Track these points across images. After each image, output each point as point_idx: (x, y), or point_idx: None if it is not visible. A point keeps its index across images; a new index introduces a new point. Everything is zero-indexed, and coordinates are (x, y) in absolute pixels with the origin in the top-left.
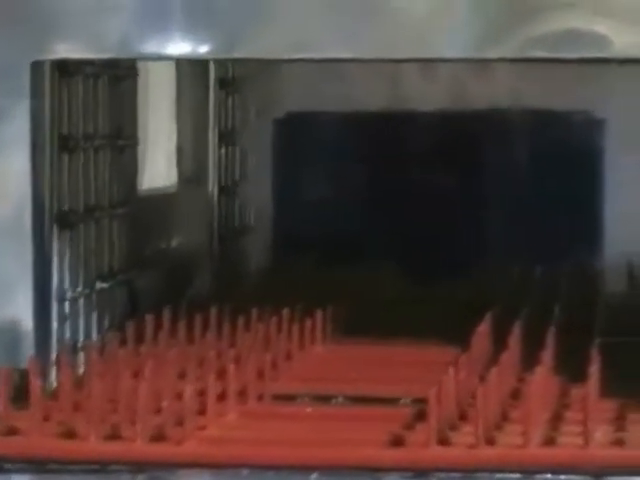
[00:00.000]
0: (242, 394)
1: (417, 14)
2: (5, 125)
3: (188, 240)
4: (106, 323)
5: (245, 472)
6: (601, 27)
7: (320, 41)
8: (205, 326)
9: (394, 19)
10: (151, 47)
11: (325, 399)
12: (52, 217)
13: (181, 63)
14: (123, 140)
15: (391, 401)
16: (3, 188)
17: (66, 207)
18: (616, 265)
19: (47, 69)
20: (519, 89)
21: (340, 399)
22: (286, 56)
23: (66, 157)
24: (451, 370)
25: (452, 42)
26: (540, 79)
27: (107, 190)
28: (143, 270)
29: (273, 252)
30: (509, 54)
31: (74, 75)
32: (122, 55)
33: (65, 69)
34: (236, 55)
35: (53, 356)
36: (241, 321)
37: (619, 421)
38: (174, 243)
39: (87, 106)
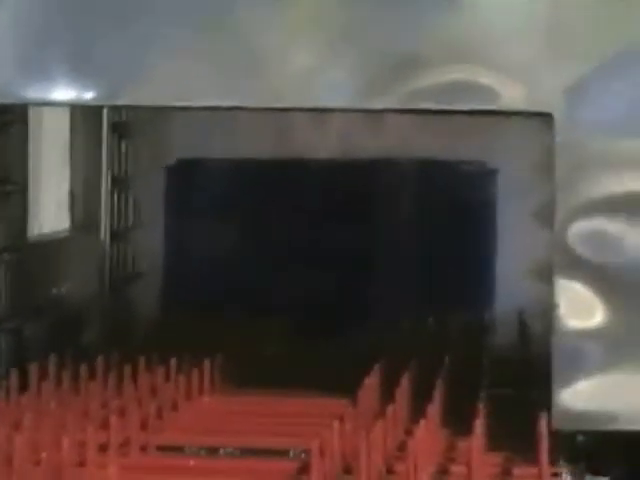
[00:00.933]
0: (124, 445)
1: (303, 64)
2: None
3: (79, 287)
4: None
5: None
6: (487, 80)
7: (203, 90)
8: (92, 376)
9: (279, 69)
10: (35, 93)
11: (211, 451)
12: None
13: (75, 109)
14: (9, 186)
15: (278, 453)
16: None
17: None
18: (507, 318)
19: None
20: (411, 139)
21: (226, 451)
22: (169, 104)
23: None
24: (335, 423)
25: (337, 92)
26: (432, 129)
27: None
28: (31, 318)
29: (164, 300)
30: (395, 105)
31: None
32: (5, 100)
33: None
34: (120, 102)
35: None
36: (128, 371)
37: (504, 476)
38: (64, 290)
39: None
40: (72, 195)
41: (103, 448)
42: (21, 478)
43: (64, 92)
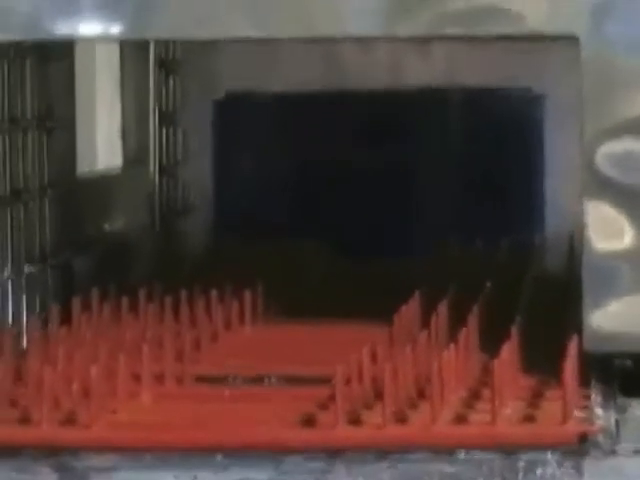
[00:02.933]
0: (159, 376)
1: None
2: None
3: (128, 222)
4: (36, 306)
5: (148, 457)
6: (516, 3)
7: (231, 22)
8: (133, 309)
9: None
10: (61, 28)
11: (250, 380)
12: None
13: (124, 45)
14: (54, 122)
15: (319, 381)
16: None
17: None
18: (556, 242)
19: None
20: (455, 66)
21: (268, 380)
22: (196, 36)
23: None
24: (365, 349)
25: (364, 19)
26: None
27: (37, 172)
28: (79, 253)
29: (213, 233)
30: (420, 31)
31: None
32: (31, 36)
33: None
34: (147, 36)
35: None
36: (169, 302)
37: (534, 398)
38: (113, 225)
39: (13, 88)
40: (123, 131)
41: (137, 379)
42: (51, 407)
43: (91, 26)
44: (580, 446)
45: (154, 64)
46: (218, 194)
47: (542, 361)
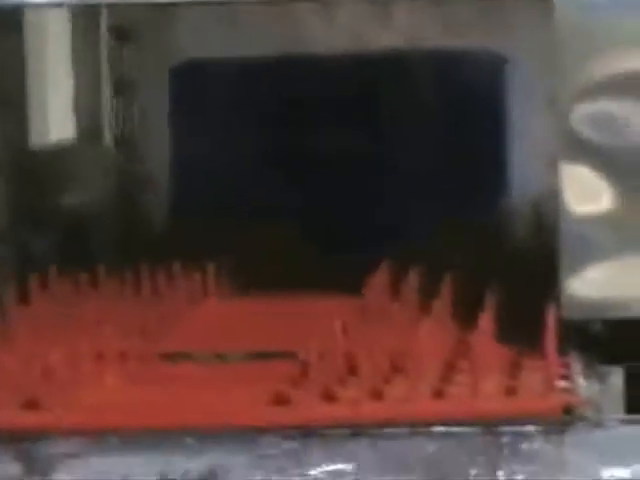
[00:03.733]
0: (123, 355)
1: None
2: None
3: (84, 197)
4: None
5: (114, 440)
6: None
7: None
8: (92, 286)
9: None
10: None
11: (217, 357)
12: None
13: (74, 14)
14: (2, 95)
15: (286, 356)
16: None
17: None
18: (522, 209)
19: None
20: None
21: (234, 356)
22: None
23: None
24: (337, 323)
25: None
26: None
27: None
28: (33, 230)
29: (171, 207)
30: None
31: None
32: None
33: None
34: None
35: None
36: (130, 278)
37: (513, 369)
38: (68, 200)
39: None
40: (76, 103)
41: (100, 358)
42: (13, 392)
43: None
44: (565, 418)
45: (107, 32)
46: (178, 167)
47: (518, 331)
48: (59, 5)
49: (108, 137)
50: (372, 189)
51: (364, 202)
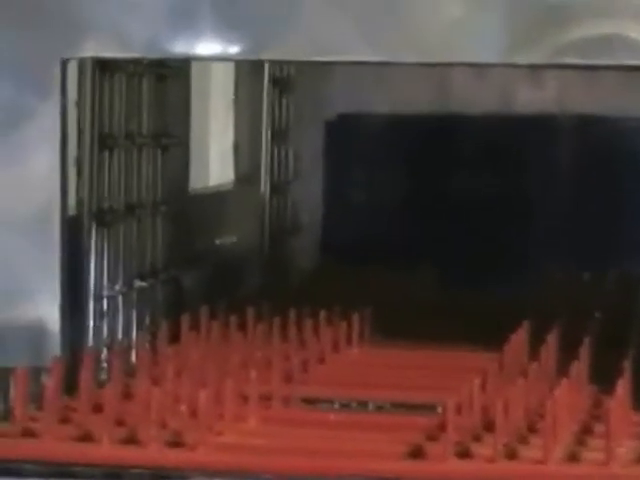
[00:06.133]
0: (266, 398)
1: (446, 17)
2: (34, 122)
3: (238, 239)
4: (146, 322)
5: None
6: (636, 33)
7: (349, 44)
8: (241, 328)
9: (423, 22)
10: (179, 47)
11: (355, 405)
12: (90, 215)
13: (239, 64)
14: (168, 139)
15: (425, 408)
16: (30, 186)
17: (106, 205)
18: None
19: (88, 67)
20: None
21: (374, 404)
22: (312, 58)
23: (106, 155)
24: (476, 380)
25: (484, 46)
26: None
27: (150, 188)
28: (189, 269)
29: (321, 253)
30: (541, 60)
31: (115, 73)
32: (149, 55)
33: (106, 67)
34: (264, 57)
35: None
36: (277, 322)
37: None
38: (223, 242)
39: (130, 105)
40: (236, 149)
41: (244, 400)
42: (159, 428)
43: (209, 46)
44: None
45: (268, 83)
46: (327, 215)
47: None
48: (196, 59)
49: (264, 183)
50: (517, 250)
51: (509, 262)
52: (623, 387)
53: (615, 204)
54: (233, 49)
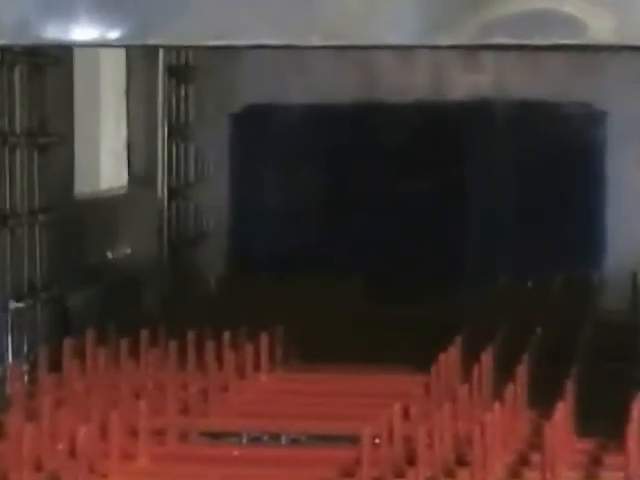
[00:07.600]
0: (159, 433)
1: None
2: None
3: (133, 250)
4: (23, 348)
5: None
6: (571, 9)
7: (247, 26)
8: (133, 352)
9: (337, 3)
10: (53, 32)
11: (266, 439)
12: None
13: (131, 52)
14: (47, 137)
15: (344, 440)
16: None
17: None
18: (617, 280)
19: None
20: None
21: (288, 437)
22: (205, 42)
23: None
24: (396, 406)
25: (398, 27)
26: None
27: (26, 194)
28: (77, 286)
29: (228, 264)
30: (465, 40)
31: None
32: (19, 41)
33: None
34: (152, 42)
35: None
36: (174, 346)
37: (592, 466)
38: (116, 253)
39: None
40: (129, 147)
41: (134, 436)
42: (33, 471)
43: (87, 31)
44: None
45: (163, 72)
46: (234, 220)
47: (601, 421)
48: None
49: (161, 185)
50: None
51: (441, 267)
52: (563, 411)
53: (562, 199)
54: (115, 33)
